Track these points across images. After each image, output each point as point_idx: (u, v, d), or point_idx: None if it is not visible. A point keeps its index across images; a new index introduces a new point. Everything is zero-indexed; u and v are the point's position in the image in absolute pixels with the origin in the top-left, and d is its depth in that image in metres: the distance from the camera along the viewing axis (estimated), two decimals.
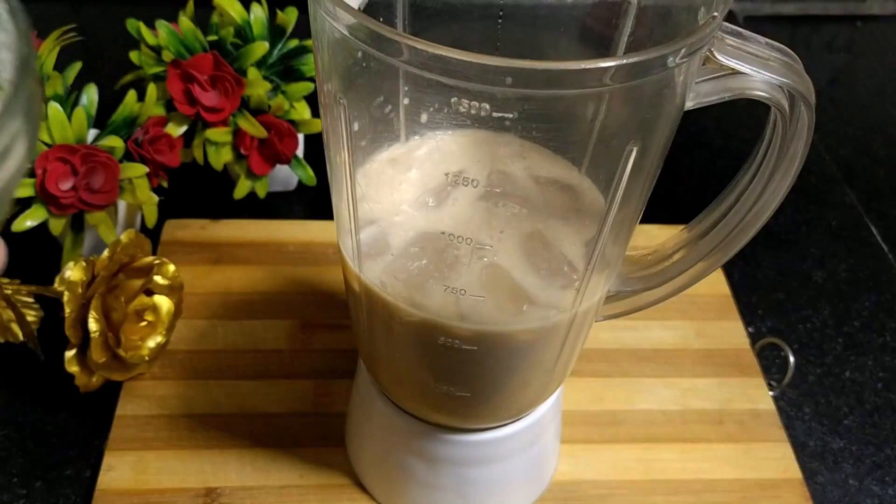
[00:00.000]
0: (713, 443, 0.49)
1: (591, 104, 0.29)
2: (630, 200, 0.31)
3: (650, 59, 0.24)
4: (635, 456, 0.48)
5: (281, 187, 0.63)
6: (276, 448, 0.46)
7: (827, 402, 0.53)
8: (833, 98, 0.81)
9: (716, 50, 0.27)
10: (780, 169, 0.32)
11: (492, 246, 0.32)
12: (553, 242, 0.33)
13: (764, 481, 0.47)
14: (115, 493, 0.44)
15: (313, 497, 0.45)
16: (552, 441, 0.45)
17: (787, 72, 0.28)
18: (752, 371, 0.53)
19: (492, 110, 0.25)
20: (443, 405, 0.38)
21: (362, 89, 0.30)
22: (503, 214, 0.33)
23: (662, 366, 0.53)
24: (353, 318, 0.38)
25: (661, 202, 0.48)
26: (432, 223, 0.33)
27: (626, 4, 0.33)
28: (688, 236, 0.37)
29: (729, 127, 0.75)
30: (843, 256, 0.63)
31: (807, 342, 0.56)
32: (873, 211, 0.68)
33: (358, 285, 0.34)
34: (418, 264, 0.32)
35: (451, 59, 0.23)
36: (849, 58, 0.88)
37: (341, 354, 0.51)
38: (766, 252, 0.63)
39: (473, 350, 0.33)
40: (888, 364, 0.55)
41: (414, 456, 0.41)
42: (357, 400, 0.45)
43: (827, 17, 0.92)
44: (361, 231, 0.33)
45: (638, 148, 0.28)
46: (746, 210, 0.34)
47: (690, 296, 0.47)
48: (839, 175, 0.71)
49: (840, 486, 0.48)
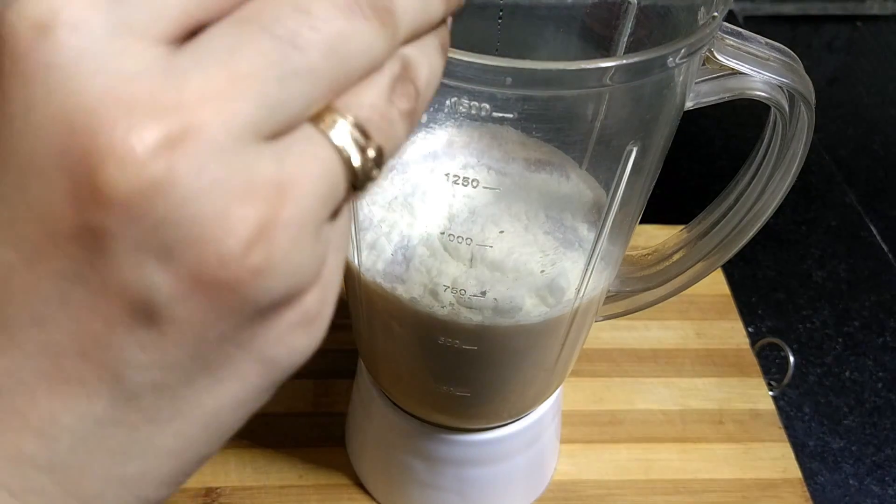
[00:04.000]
0: (713, 443, 0.49)
1: (591, 104, 0.29)
2: (630, 200, 0.31)
3: (650, 59, 0.24)
4: (635, 456, 0.48)
5: None
6: (276, 448, 0.46)
7: (827, 402, 0.53)
8: (833, 98, 0.81)
9: (716, 50, 0.27)
10: (780, 169, 0.32)
11: (492, 245, 0.32)
12: (553, 242, 0.33)
13: (763, 481, 0.47)
14: None
15: (313, 497, 0.45)
16: (552, 441, 0.45)
17: (787, 72, 0.28)
18: (752, 371, 0.53)
19: (492, 110, 0.25)
20: (443, 405, 0.38)
21: None
22: (503, 214, 0.33)
23: (662, 366, 0.53)
24: (353, 317, 0.38)
25: (661, 202, 0.48)
26: (432, 223, 0.33)
27: (626, 4, 0.33)
28: (687, 236, 0.37)
29: (729, 127, 0.75)
30: (842, 256, 0.63)
31: (807, 342, 0.56)
32: (873, 211, 0.68)
33: (358, 285, 0.34)
34: (418, 264, 0.32)
35: (452, 59, 0.23)
36: (849, 58, 0.88)
37: (341, 354, 0.51)
38: (766, 252, 0.63)
39: (473, 350, 0.33)
40: (888, 364, 0.55)
41: (414, 456, 0.41)
42: (357, 400, 0.45)
43: (827, 18, 0.92)
44: (361, 231, 0.33)
45: (638, 148, 0.28)
46: (746, 210, 0.34)
47: (690, 296, 0.47)
48: (839, 175, 0.71)
49: (840, 486, 0.48)
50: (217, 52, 0.15)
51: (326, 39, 0.15)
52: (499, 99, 0.25)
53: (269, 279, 0.15)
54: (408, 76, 0.17)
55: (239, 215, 0.14)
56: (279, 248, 0.15)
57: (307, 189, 0.15)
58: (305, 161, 0.15)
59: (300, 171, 0.15)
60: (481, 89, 0.24)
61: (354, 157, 0.16)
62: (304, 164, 0.15)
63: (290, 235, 0.15)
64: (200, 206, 0.14)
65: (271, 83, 0.15)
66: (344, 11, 0.16)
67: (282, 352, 0.17)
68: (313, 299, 0.17)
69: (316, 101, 0.16)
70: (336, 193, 0.16)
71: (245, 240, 0.15)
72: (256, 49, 0.15)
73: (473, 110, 0.25)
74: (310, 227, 0.16)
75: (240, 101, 0.14)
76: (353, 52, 0.16)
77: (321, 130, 0.16)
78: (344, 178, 0.16)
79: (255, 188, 0.15)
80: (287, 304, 0.16)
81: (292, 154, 0.15)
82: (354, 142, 0.16)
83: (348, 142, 0.16)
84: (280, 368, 0.17)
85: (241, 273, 0.15)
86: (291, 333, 0.17)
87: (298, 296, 0.16)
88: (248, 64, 0.15)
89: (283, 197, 0.15)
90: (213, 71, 0.14)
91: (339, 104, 0.16)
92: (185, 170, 0.14)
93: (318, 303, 0.17)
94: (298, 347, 0.17)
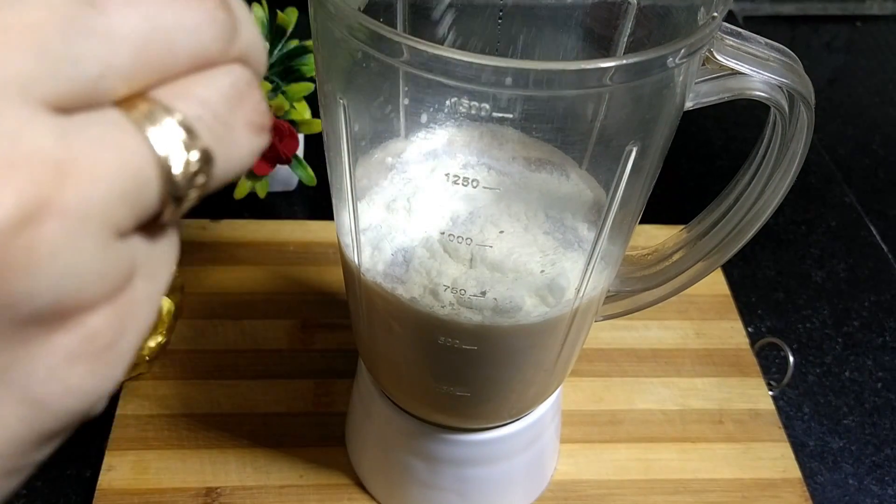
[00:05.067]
0: (712, 442, 0.49)
1: (591, 104, 0.29)
2: (630, 200, 0.31)
3: (650, 60, 0.24)
4: (635, 455, 0.48)
5: (281, 187, 0.63)
6: (276, 448, 0.46)
7: (826, 402, 0.53)
8: (833, 98, 0.81)
9: (715, 50, 0.27)
10: (780, 169, 0.32)
11: (491, 246, 0.32)
12: (553, 242, 0.33)
13: (763, 481, 0.47)
14: (116, 493, 0.44)
15: (313, 497, 0.45)
16: (552, 441, 0.45)
17: (787, 72, 0.28)
18: (752, 371, 0.53)
19: (492, 110, 0.25)
20: (443, 405, 0.38)
21: (362, 89, 0.30)
22: (503, 214, 0.33)
23: (662, 365, 0.53)
24: (353, 317, 0.39)
25: (661, 202, 0.48)
26: (432, 223, 0.33)
27: (626, 4, 0.33)
28: (687, 236, 0.37)
29: (729, 127, 0.75)
30: (842, 256, 0.63)
31: (806, 342, 0.56)
32: (873, 211, 0.68)
33: (358, 285, 0.34)
34: (418, 265, 0.32)
35: (452, 59, 0.23)
36: (848, 58, 0.88)
37: (341, 354, 0.52)
38: (766, 252, 0.63)
39: (473, 350, 0.33)
40: (887, 364, 0.55)
41: (414, 456, 0.41)
42: (357, 400, 0.45)
43: (826, 18, 0.92)
44: (361, 231, 0.33)
45: (638, 148, 0.28)
46: (746, 210, 0.34)
47: (690, 296, 0.47)
48: (839, 175, 0.71)
49: (839, 485, 0.48)
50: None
51: (135, 6, 0.13)
52: (499, 99, 0.25)
53: (31, 276, 0.12)
54: (255, 90, 0.15)
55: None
56: (48, 239, 0.12)
57: (97, 177, 0.12)
58: (101, 146, 0.12)
59: (91, 154, 0.12)
60: (481, 89, 0.24)
61: (175, 156, 0.13)
62: (98, 148, 0.12)
63: (65, 227, 0.12)
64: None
65: (56, 37, 0.12)
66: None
67: (53, 389, 0.13)
68: (102, 323, 0.13)
69: (118, 76, 0.13)
70: (143, 197, 0.13)
71: (1, 219, 0.11)
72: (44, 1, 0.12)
73: (473, 110, 0.25)
74: (95, 224, 0.12)
75: (12, 48, 0.12)
76: (173, 29, 0.13)
77: (131, 119, 0.13)
78: (157, 180, 0.13)
79: (23, 158, 0.11)
80: (60, 321, 0.13)
81: (85, 134, 0.12)
82: (175, 139, 0.13)
83: (167, 136, 0.13)
84: (51, 413, 0.13)
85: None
86: (68, 364, 0.13)
87: (77, 313, 0.13)
88: (32, 14, 0.12)
89: (61, 177, 0.12)
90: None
91: (160, 94, 0.14)
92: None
93: (110, 330, 0.13)
94: (78, 385, 0.13)
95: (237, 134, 0.14)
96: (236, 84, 0.14)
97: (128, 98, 0.13)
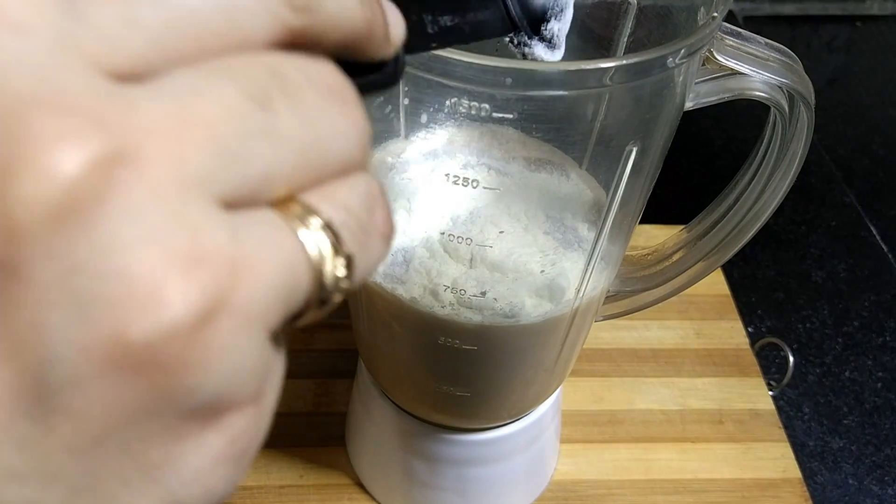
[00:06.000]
0: (712, 442, 0.49)
1: (591, 104, 0.29)
2: (630, 200, 0.31)
3: (650, 60, 0.24)
4: (635, 456, 0.48)
5: None
6: (276, 448, 0.46)
7: (826, 402, 0.53)
8: (833, 98, 0.81)
9: (715, 50, 0.27)
10: (780, 169, 0.32)
11: (491, 246, 0.32)
12: (553, 242, 0.33)
13: (763, 481, 0.47)
14: None
15: (313, 497, 0.45)
16: (552, 441, 0.45)
17: (787, 72, 0.28)
18: (752, 371, 0.53)
19: (492, 110, 0.25)
20: (443, 405, 0.38)
21: None
22: (503, 214, 0.33)
23: (662, 365, 0.53)
24: (353, 317, 0.39)
25: (661, 202, 0.48)
26: (432, 223, 0.33)
27: (626, 4, 0.33)
28: (687, 236, 0.37)
29: (729, 127, 0.75)
30: (842, 256, 0.63)
31: (806, 342, 0.56)
32: (873, 211, 0.68)
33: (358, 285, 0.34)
34: (418, 265, 0.32)
35: (452, 59, 0.23)
36: (848, 58, 0.88)
37: (341, 354, 0.51)
38: (766, 252, 0.63)
39: (473, 350, 0.33)
40: (888, 364, 0.55)
41: (414, 456, 0.41)
42: (357, 400, 0.45)
43: (826, 18, 0.92)
44: None
45: (638, 148, 0.28)
46: (746, 210, 0.34)
47: (690, 296, 0.47)
48: (838, 175, 0.71)
49: (840, 485, 0.48)
50: (176, 91, 0.12)
51: (300, 110, 0.13)
52: (499, 99, 0.25)
53: (200, 374, 0.12)
54: (385, 198, 0.15)
55: (179, 285, 0.11)
56: (222, 337, 0.12)
57: (265, 278, 0.12)
58: (266, 246, 0.12)
59: (259, 254, 0.12)
60: (481, 89, 0.24)
61: (326, 260, 0.13)
62: (265, 248, 0.12)
63: (237, 325, 0.12)
64: (131, 259, 0.11)
65: (231, 135, 0.12)
66: (323, 94, 0.13)
67: (194, 492, 0.13)
68: (245, 425, 0.13)
69: (279, 177, 0.13)
70: (294, 299, 0.13)
71: (181, 318, 0.11)
72: (221, 97, 0.12)
73: (473, 110, 0.25)
74: (258, 327, 0.12)
75: (193, 143, 0.12)
76: (329, 136, 0.13)
77: (286, 221, 0.13)
78: (307, 283, 0.13)
79: (203, 256, 0.11)
80: (215, 419, 0.13)
81: (251, 233, 0.12)
82: (325, 243, 0.13)
83: (318, 240, 0.13)
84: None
85: (168, 358, 0.11)
86: (212, 467, 0.13)
87: (227, 411, 0.13)
88: (210, 110, 0.12)
89: (236, 276, 0.12)
90: (167, 107, 0.12)
91: (310, 198, 0.13)
92: (117, 204, 0.11)
93: (250, 432, 0.13)
94: (214, 489, 0.13)
95: (372, 241, 0.14)
96: (370, 191, 0.15)
97: (281, 200, 0.13)
